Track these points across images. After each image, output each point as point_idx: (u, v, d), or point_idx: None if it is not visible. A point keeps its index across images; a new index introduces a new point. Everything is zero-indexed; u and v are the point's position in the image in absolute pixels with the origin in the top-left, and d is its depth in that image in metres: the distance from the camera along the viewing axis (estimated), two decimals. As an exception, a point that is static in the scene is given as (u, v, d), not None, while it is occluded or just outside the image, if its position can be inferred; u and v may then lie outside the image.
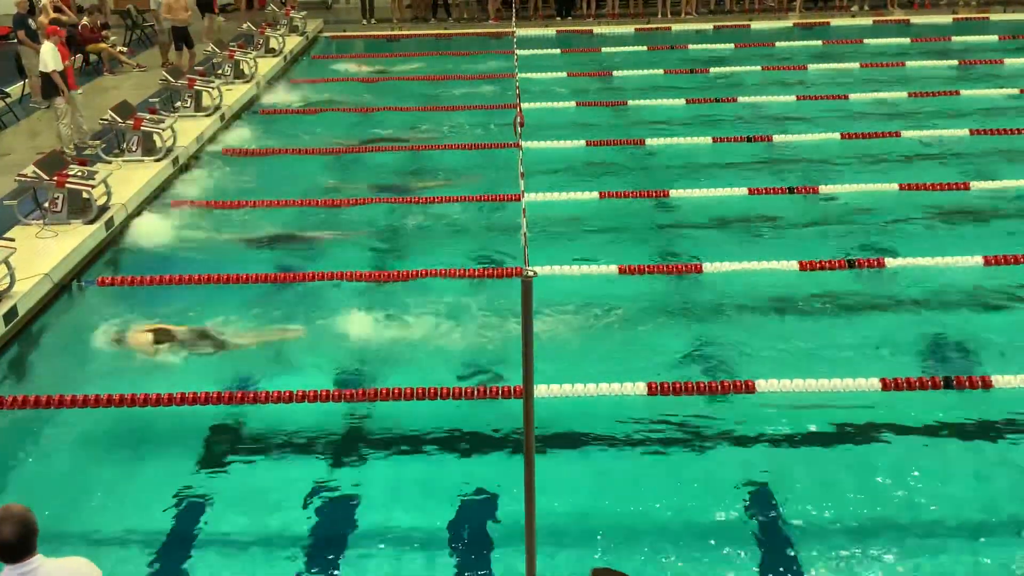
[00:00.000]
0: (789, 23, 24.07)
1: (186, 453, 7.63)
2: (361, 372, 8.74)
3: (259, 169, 14.19)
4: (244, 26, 21.30)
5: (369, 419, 8.01)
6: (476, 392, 8.07)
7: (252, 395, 8.18)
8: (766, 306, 9.59)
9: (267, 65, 19.79)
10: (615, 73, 19.05)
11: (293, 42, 22.19)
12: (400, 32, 24.68)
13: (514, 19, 18.10)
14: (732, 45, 21.47)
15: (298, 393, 8.01)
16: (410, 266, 10.56)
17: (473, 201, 12.27)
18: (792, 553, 6.32)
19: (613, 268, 10.16)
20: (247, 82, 18.31)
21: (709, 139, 14.60)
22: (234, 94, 17.42)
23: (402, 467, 7.42)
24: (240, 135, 15.88)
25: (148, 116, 14.17)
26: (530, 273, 4.00)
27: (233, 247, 11.47)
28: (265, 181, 13.59)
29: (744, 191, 12.32)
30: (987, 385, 7.88)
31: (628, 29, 23.93)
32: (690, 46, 21.61)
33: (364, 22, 25.40)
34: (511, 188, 12.10)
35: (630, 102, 16.93)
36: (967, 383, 7.92)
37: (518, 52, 14.74)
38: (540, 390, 7.67)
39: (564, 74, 19.16)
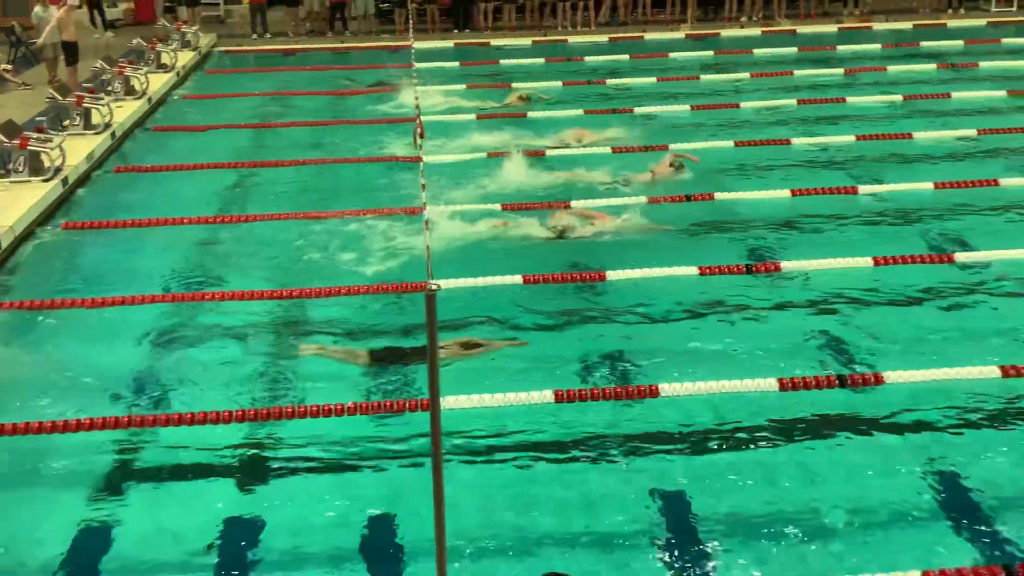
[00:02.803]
0: (681, 34, 24.59)
1: (83, 480, 7.39)
2: (265, 391, 8.59)
3: (154, 187, 13.88)
4: (134, 41, 20.82)
5: (274, 439, 7.87)
6: (383, 406, 8.01)
7: (152, 418, 7.97)
8: (668, 311, 9.75)
9: (159, 81, 19.38)
10: (514, 85, 19.18)
11: (186, 57, 21.78)
12: (297, 46, 24.43)
13: (411, 32, 18.11)
14: (627, 56, 21.85)
15: (199, 415, 7.83)
16: (312, 282, 10.44)
17: (374, 215, 12.21)
18: (709, 552, 6.42)
19: (518, 278, 10.21)
20: (139, 98, 17.89)
21: (608, 149, 14.81)
22: (125, 111, 17.00)
23: (310, 486, 7.31)
24: (133, 153, 15.51)
25: (35, 135, 13.73)
26: (434, 287, 4.01)
27: (129, 267, 11.18)
28: (160, 199, 13.30)
29: (643, 200, 12.53)
30: (879, 382, 8.15)
31: (526, 41, 24.15)
32: (586, 58, 21.92)
33: (254, 36, 25.06)
34: (413, 201, 12.07)
35: (529, 114, 17.07)
36: (861, 381, 8.18)
37: (416, 65, 14.76)
38: (447, 402, 7.66)
39: (463, 86, 19.22)
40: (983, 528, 6.57)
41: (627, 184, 13.23)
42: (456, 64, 21.70)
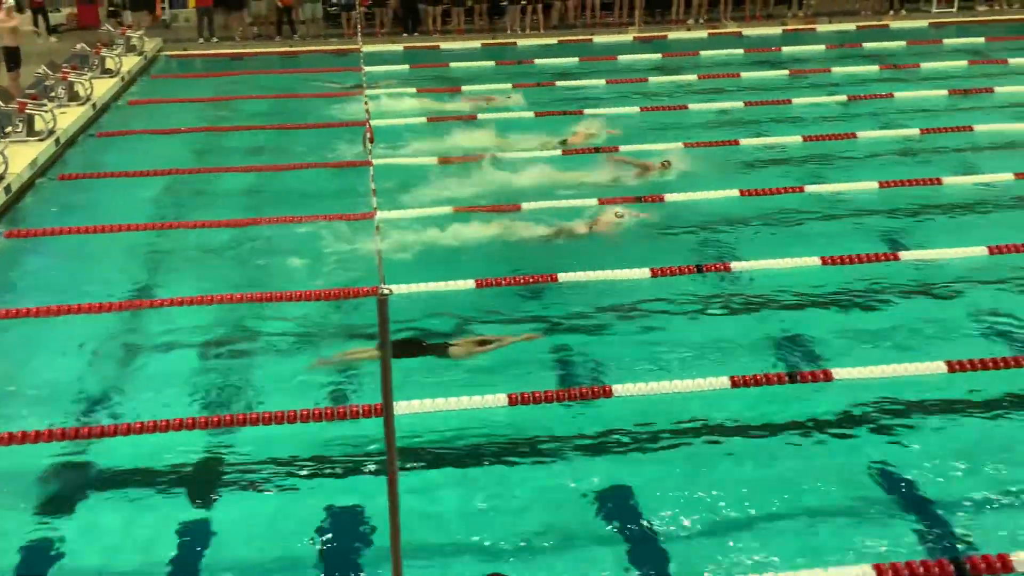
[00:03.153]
0: (629, 37, 24.75)
1: (28, 492, 7.25)
2: (215, 398, 8.50)
3: (99, 194, 13.68)
4: (79, 46, 20.49)
5: (226, 447, 7.79)
6: (336, 413, 7.96)
7: (100, 429, 7.85)
8: (621, 312, 9.80)
9: (104, 86, 19.08)
10: (464, 88, 19.18)
11: (131, 62, 21.48)
12: (244, 50, 24.21)
13: (359, 36, 18.03)
14: (576, 59, 21.94)
15: (149, 424, 7.74)
16: (262, 288, 10.35)
17: (324, 220, 12.14)
18: (662, 550, 6.46)
19: (470, 283, 10.21)
20: (83, 104, 17.61)
21: (559, 152, 14.86)
22: (69, 117, 16.72)
23: (262, 495, 7.25)
24: (77, 160, 15.27)
25: (-25, 142, 13.47)
26: (386, 291, 4.00)
27: (74, 276, 11.00)
28: (105, 206, 13.11)
29: (594, 201, 12.59)
30: (828, 378, 8.27)
31: (475, 44, 24.16)
32: (536, 60, 21.99)
33: (201, 40, 24.80)
34: (363, 206, 12.02)
35: (479, 116, 17.08)
36: (810, 377, 8.29)
37: (366, 69, 14.70)
38: (400, 407, 7.64)
39: (413, 89, 19.18)
40: (932, 522, 6.69)
41: (579, 186, 13.30)
42: (406, 67, 21.65)
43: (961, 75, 19.69)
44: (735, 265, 10.65)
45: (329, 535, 6.74)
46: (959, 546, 6.40)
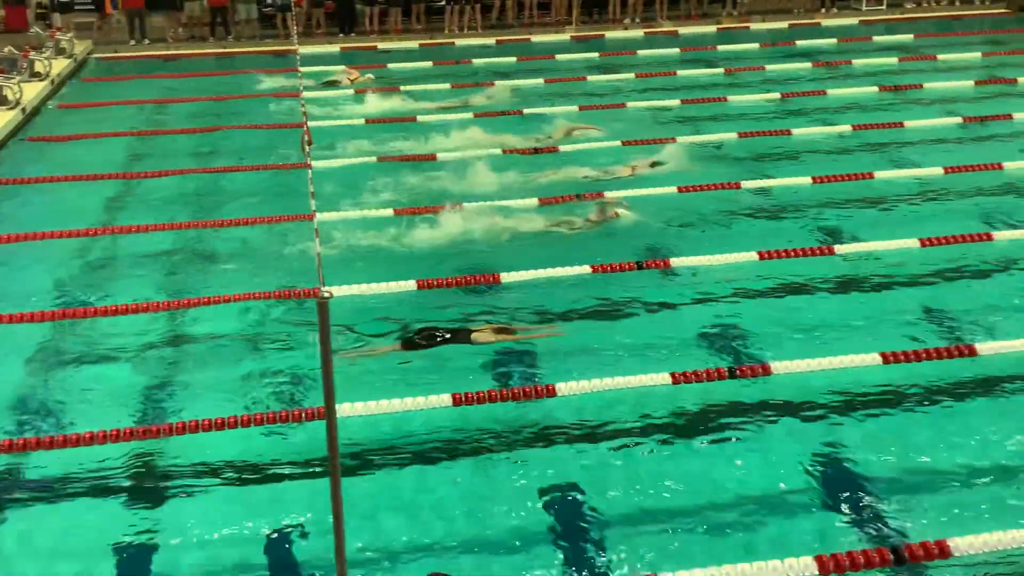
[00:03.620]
0: (566, 36, 24.86)
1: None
2: (154, 405, 8.37)
3: (30, 200, 13.38)
4: (6, 49, 20.01)
5: (164, 455, 7.67)
6: (279, 417, 7.88)
7: (35, 441, 7.68)
8: (561, 311, 9.83)
9: (33, 90, 18.67)
10: (403, 88, 19.11)
11: (61, 65, 21.05)
12: (177, 52, 23.86)
13: (295, 36, 17.87)
14: (514, 59, 21.98)
15: (86, 435, 7.58)
16: (200, 293, 10.21)
17: (263, 223, 12.00)
18: (602, 548, 6.50)
19: (411, 284, 10.17)
20: (11, 109, 17.20)
21: (499, 151, 14.88)
22: (-3, 122, 16.35)
23: (206, 502, 7.15)
24: (6, 165, 14.92)
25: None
26: (326, 294, 3.97)
27: (5, 284, 10.75)
28: (37, 212, 12.83)
29: (535, 201, 12.62)
30: (767, 372, 8.39)
31: (413, 44, 24.10)
32: (474, 60, 21.98)
33: (132, 42, 24.38)
34: (302, 208, 11.92)
35: (419, 118, 17.02)
36: (749, 372, 8.40)
37: (302, 69, 14.56)
38: (344, 409, 7.59)
39: (351, 91, 19.06)
40: (871, 512, 6.82)
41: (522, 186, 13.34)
42: (343, 68, 21.48)
43: (891, 71, 20.09)
44: (674, 261, 10.74)
45: (273, 540, 6.67)
46: (897, 534, 6.52)
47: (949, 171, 13.41)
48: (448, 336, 9.10)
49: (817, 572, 5.99)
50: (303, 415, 7.82)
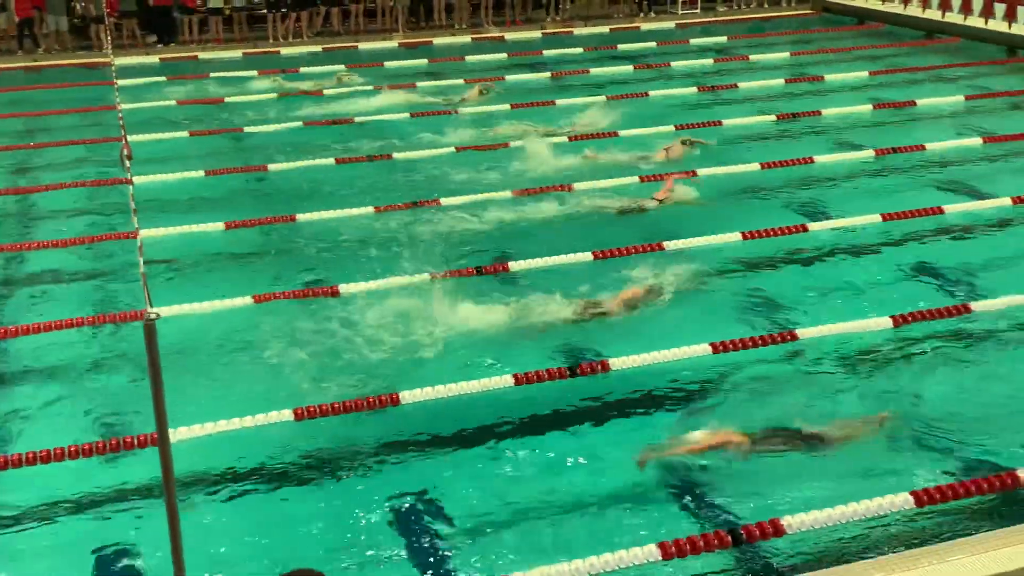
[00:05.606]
0: (394, 43, 24.79)
1: None
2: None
3: None
4: None
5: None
6: (108, 446, 7.53)
7: None
8: (398, 319, 9.76)
9: None
10: (227, 99, 18.61)
11: None
12: (-19, 66, 22.55)
13: (110, 48, 17.18)
14: (343, 66, 21.74)
15: None
16: (12, 321, 9.68)
17: (81, 244, 11.47)
18: (447, 553, 6.51)
19: (249, 299, 9.90)
20: None
21: (332, 160, 14.70)
22: None
23: (33, 538, 6.78)
24: None
25: None
26: (153, 315, 3.84)
27: None
28: None
29: (371, 209, 12.53)
30: (605, 369, 8.58)
31: (236, 54, 23.54)
32: (301, 69, 21.64)
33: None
34: (124, 226, 11.45)
35: (246, 129, 16.64)
36: (589, 369, 8.58)
37: (119, 82, 14.01)
38: (180, 432, 7.34)
39: (173, 102, 18.46)
40: (708, 499, 7.07)
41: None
42: (163, 79, 20.78)
43: (708, 72, 20.91)
44: (512, 265, 10.84)
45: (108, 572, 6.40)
46: (734, 516, 6.80)
47: (765, 167, 14.03)
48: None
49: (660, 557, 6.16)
50: (135, 442, 7.51)
